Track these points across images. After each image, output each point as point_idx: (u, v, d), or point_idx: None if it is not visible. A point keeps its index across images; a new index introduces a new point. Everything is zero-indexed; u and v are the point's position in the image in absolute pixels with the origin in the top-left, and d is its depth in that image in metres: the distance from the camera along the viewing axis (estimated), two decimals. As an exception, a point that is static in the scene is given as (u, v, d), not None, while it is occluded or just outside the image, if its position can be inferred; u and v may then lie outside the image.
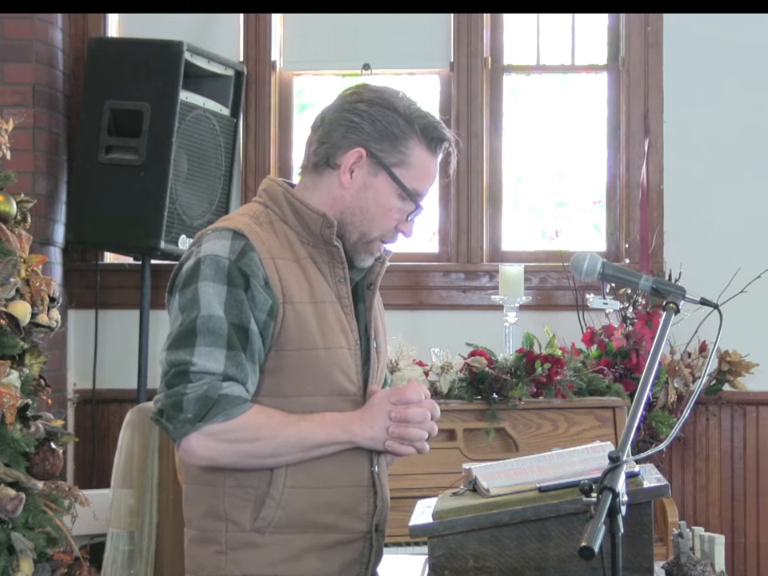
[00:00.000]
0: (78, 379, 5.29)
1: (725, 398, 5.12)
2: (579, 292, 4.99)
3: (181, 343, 2.44)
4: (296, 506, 2.51)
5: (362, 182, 2.55)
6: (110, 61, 4.96)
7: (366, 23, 5.30)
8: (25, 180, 4.71)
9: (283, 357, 2.50)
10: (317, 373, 2.52)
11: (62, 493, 3.87)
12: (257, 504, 2.50)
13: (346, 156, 2.54)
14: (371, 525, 2.58)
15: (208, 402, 2.40)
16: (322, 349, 2.52)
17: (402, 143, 2.54)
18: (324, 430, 2.49)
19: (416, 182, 2.57)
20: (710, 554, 3.13)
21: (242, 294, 2.45)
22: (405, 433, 2.51)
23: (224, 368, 2.43)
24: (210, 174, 5.08)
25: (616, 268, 2.64)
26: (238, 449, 2.45)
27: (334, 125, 2.56)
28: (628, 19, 5.29)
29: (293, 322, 2.49)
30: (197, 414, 2.40)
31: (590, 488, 2.08)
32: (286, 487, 2.50)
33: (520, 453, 4.05)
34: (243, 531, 2.51)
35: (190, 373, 2.41)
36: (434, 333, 5.15)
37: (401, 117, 2.54)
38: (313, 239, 2.56)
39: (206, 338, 2.43)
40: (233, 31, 5.37)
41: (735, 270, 4.95)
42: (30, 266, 3.94)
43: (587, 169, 5.45)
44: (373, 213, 2.56)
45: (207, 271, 2.46)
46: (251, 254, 2.47)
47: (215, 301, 2.44)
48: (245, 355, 2.45)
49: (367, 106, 2.55)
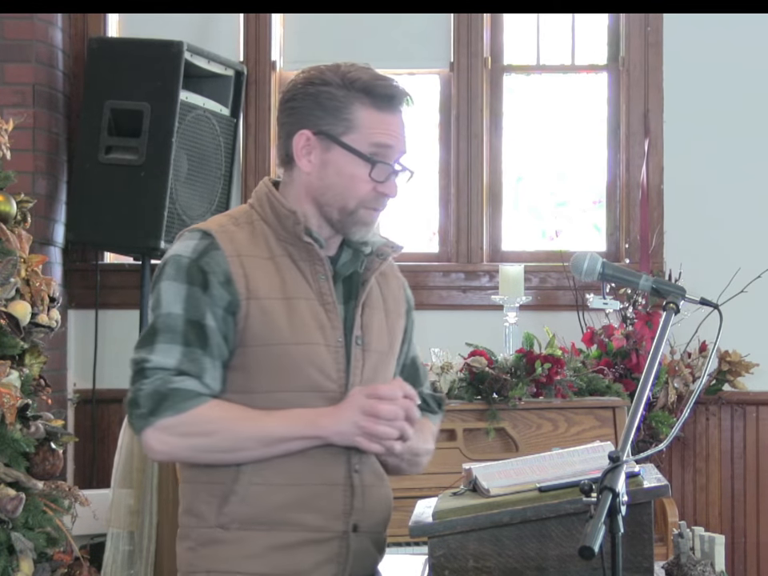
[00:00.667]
0: (77, 379, 5.29)
1: (725, 398, 5.12)
2: (579, 292, 4.99)
3: (143, 342, 2.50)
4: (261, 503, 2.49)
5: (319, 161, 2.55)
6: (110, 61, 4.95)
7: (366, 23, 5.30)
8: (25, 180, 4.71)
9: (249, 353, 2.50)
10: (286, 369, 2.51)
11: (62, 493, 3.87)
12: (222, 500, 2.50)
13: (294, 142, 2.55)
14: (348, 524, 2.54)
15: (159, 396, 2.43)
16: (291, 345, 2.50)
17: (343, 111, 2.53)
18: (287, 424, 2.48)
19: (373, 138, 2.53)
20: (710, 554, 3.14)
21: (200, 291, 2.48)
22: (372, 428, 2.46)
23: (177, 363, 2.46)
24: (210, 174, 5.08)
25: (616, 268, 2.63)
26: (192, 443, 2.47)
27: (280, 118, 2.60)
28: (628, 19, 5.29)
29: (258, 318, 2.49)
30: (150, 409, 2.44)
31: (590, 488, 2.08)
32: (251, 484, 2.49)
33: (520, 453, 4.05)
34: (209, 527, 2.51)
35: (146, 369, 2.46)
36: (434, 333, 5.14)
37: (334, 87, 2.53)
38: (290, 237, 2.56)
39: (165, 335, 2.47)
40: (233, 31, 5.37)
41: (735, 270, 4.95)
42: (30, 266, 3.94)
43: (587, 169, 5.46)
44: (340, 185, 2.54)
45: (169, 271, 2.51)
46: (214, 252, 2.50)
47: (174, 299, 2.49)
48: (201, 351, 2.47)
49: (299, 89, 2.56)
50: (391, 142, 2.55)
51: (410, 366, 2.79)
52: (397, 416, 2.48)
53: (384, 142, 2.54)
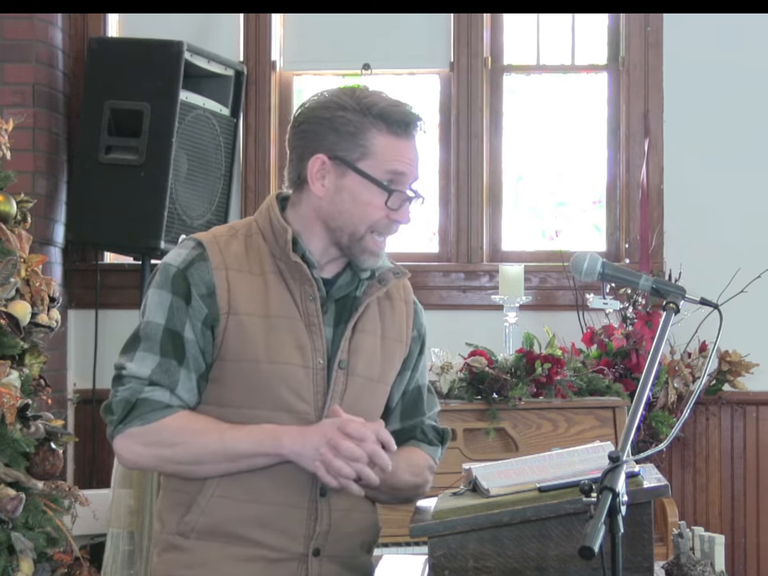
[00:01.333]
0: (77, 379, 5.29)
1: (725, 398, 5.12)
2: (579, 292, 4.99)
3: (126, 348, 2.53)
4: (221, 515, 2.50)
5: (333, 186, 2.53)
6: (109, 61, 4.95)
7: (366, 23, 5.30)
8: (25, 180, 4.71)
9: (225, 367, 2.51)
10: (257, 386, 2.50)
11: (62, 493, 3.87)
12: (185, 509, 2.52)
13: (309, 166, 2.53)
14: (308, 548, 2.53)
15: (128, 405, 2.48)
16: (264, 362, 2.49)
17: (359, 137, 2.51)
18: (251, 439, 2.46)
19: (388, 165, 2.52)
20: (710, 554, 3.14)
21: (182, 301, 2.49)
22: (329, 460, 2.42)
23: (150, 373, 2.48)
24: (210, 174, 5.08)
25: (616, 268, 2.63)
26: (157, 453, 2.49)
27: (294, 140, 2.57)
28: (628, 19, 5.29)
29: (234, 333, 2.49)
30: (120, 417, 2.49)
31: (590, 488, 2.08)
32: (213, 496, 2.50)
33: (520, 453, 4.05)
34: (170, 533, 2.54)
35: (122, 377, 2.50)
36: (434, 333, 5.11)
37: (350, 112, 2.51)
38: (283, 255, 2.54)
39: (145, 343, 2.50)
40: (233, 31, 5.37)
41: (735, 270, 4.95)
42: (29, 266, 3.94)
43: (587, 169, 5.46)
44: (352, 211, 2.53)
45: (158, 279, 2.53)
46: (200, 263, 2.50)
47: (158, 308, 2.50)
48: (177, 362, 2.48)
49: (314, 111, 2.54)
50: (406, 170, 2.54)
51: (413, 393, 2.75)
52: (358, 457, 2.42)
53: (400, 169, 2.53)
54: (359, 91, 2.55)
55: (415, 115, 2.56)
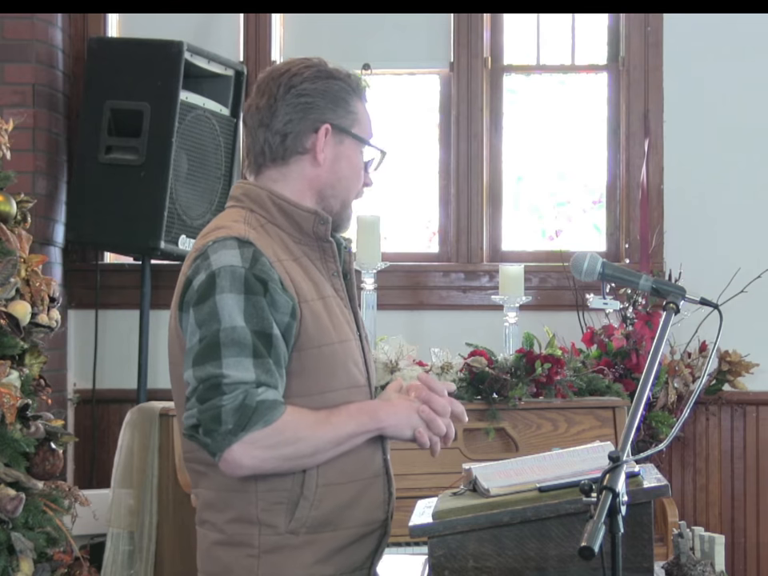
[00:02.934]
0: (78, 379, 5.29)
1: (725, 398, 5.12)
2: (579, 292, 4.99)
3: (206, 358, 2.41)
4: (328, 504, 2.51)
5: (332, 155, 2.59)
6: (110, 61, 4.95)
7: (366, 23, 5.30)
8: (25, 180, 4.71)
9: (305, 356, 2.50)
10: (336, 367, 2.53)
11: (62, 493, 3.87)
12: (290, 506, 2.49)
13: (316, 136, 2.58)
14: (387, 513, 2.61)
15: (247, 410, 2.39)
16: (336, 343, 2.54)
17: (348, 104, 2.61)
18: (354, 420, 2.50)
19: (368, 132, 2.64)
20: (709, 554, 3.14)
21: (262, 300, 2.44)
22: (433, 419, 2.51)
23: (255, 376, 2.41)
24: (209, 174, 5.08)
25: (616, 268, 2.64)
26: (281, 453, 2.44)
27: (290, 113, 2.58)
28: (628, 19, 5.29)
29: (310, 320, 2.50)
30: (238, 424, 2.38)
31: (590, 488, 2.08)
32: (318, 486, 2.50)
33: (520, 453, 4.05)
34: (278, 534, 2.49)
35: (223, 385, 2.39)
36: (434, 333, 5.15)
37: (340, 80, 2.61)
38: (304, 237, 2.57)
39: (231, 349, 2.41)
40: (233, 31, 5.37)
41: (735, 270, 4.95)
42: (29, 266, 3.94)
43: (587, 169, 5.45)
44: (350, 178, 2.62)
45: (223, 283, 2.44)
46: (262, 259, 2.47)
47: (235, 311, 2.43)
48: (271, 361, 2.44)
49: (312, 82, 2.59)
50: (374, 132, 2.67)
51: None
52: (448, 412, 2.54)
53: (373, 132, 2.66)
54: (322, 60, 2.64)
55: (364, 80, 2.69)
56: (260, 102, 2.60)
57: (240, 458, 2.40)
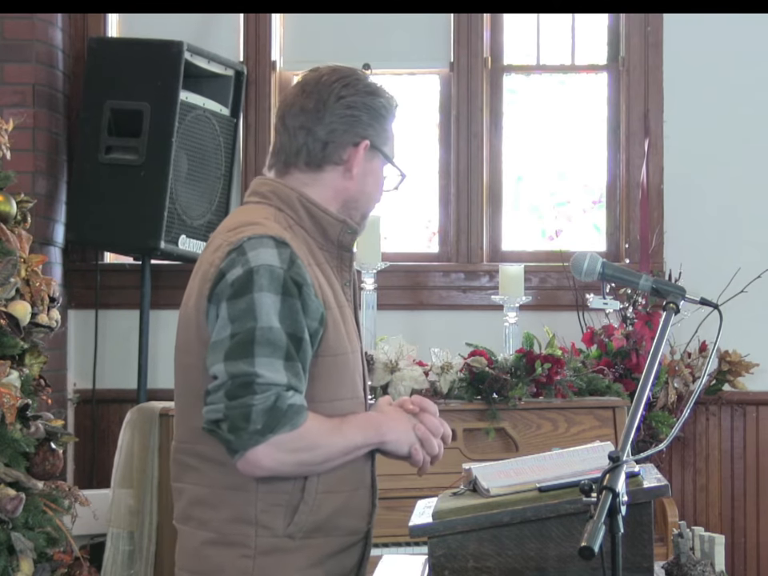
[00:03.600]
0: (78, 379, 5.28)
1: (725, 398, 5.12)
2: (579, 292, 4.99)
3: (239, 354, 2.40)
4: (325, 510, 2.51)
5: (363, 170, 2.59)
6: (110, 61, 4.95)
7: (366, 23, 5.30)
8: (25, 180, 4.71)
9: (321, 363, 2.49)
10: (345, 377, 2.54)
11: (62, 493, 3.87)
12: (290, 509, 2.49)
13: (356, 151, 2.57)
14: (370, 524, 2.61)
15: (278, 412, 2.38)
16: (350, 353, 2.54)
17: (386, 122, 2.61)
18: (362, 433, 2.51)
19: (394, 151, 2.66)
20: (710, 554, 3.13)
21: (297, 303, 2.43)
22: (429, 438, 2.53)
23: (287, 379, 2.40)
24: (210, 174, 5.08)
25: (616, 268, 2.64)
26: (300, 458, 2.44)
27: (336, 122, 2.56)
28: (628, 19, 5.29)
29: (331, 327, 2.50)
30: (267, 425, 2.37)
31: (590, 488, 2.08)
32: (318, 492, 2.50)
33: (520, 453, 4.05)
34: (275, 536, 2.49)
35: (255, 384, 2.38)
36: (434, 333, 5.15)
37: (383, 99, 2.60)
38: (327, 244, 2.57)
39: (265, 348, 2.39)
40: (233, 31, 5.37)
41: (735, 270, 4.95)
42: (29, 266, 3.94)
43: (587, 169, 5.45)
44: (373, 193, 2.63)
45: (262, 281, 2.42)
46: (298, 261, 2.45)
47: (272, 311, 2.41)
48: (300, 364, 2.44)
49: (362, 97, 2.58)
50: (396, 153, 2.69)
51: None
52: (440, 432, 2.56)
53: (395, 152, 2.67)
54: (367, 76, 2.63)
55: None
56: (307, 104, 2.56)
57: (262, 459, 2.39)
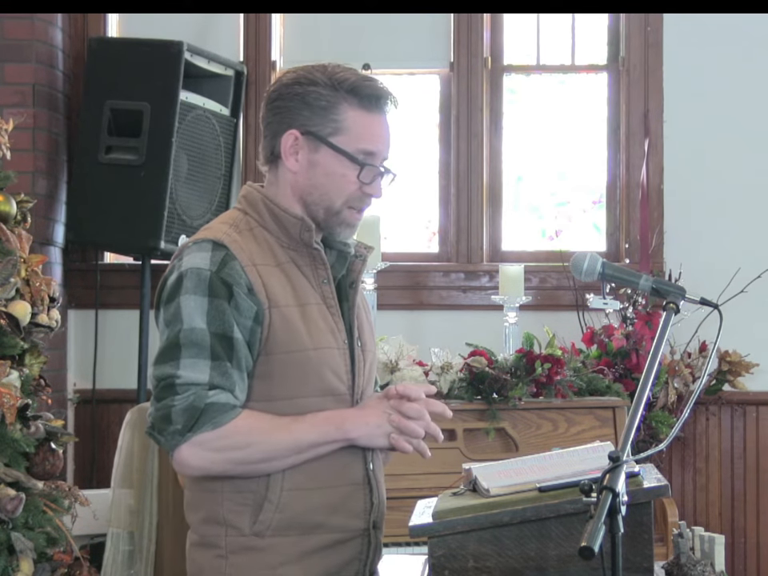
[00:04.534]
0: (78, 379, 5.29)
1: (725, 398, 5.12)
2: (579, 292, 4.99)
3: (166, 357, 2.48)
4: (294, 508, 2.52)
5: (306, 161, 2.57)
6: (110, 61, 4.96)
7: (366, 23, 5.30)
8: (25, 180, 4.71)
9: (273, 361, 2.51)
10: (308, 374, 2.53)
11: (62, 493, 3.87)
12: (255, 508, 2.51)
13: (282, 141, 2.57)
14: (369, 522, 2.60)
15: (195, 411, 2.43)
16: (311, 350, 2.53)
17: (331, 112, 2.56)
18: (316, 430, 2.50)
19: (360, 143, 2.56)
20: (710, 554, 3.14)
21: (225, 303, 2.47)
22: (405, 424, 2.51)
23: (209, 378, 2.45)
24: (209, 174, 5.08)
25: (616, 268, 2.64)
26: (229, 456, 2.46)
27: (268, 116, 2.61)
28: (628, 19, 5.29)
29: (280, 325, 2.51)
30: (185, 425, 2.43)
31: (590, 488, 2.08)
32: (283, 490, 2.51)
33: (520, 453, 4.05)
34: (243, 536, 2.52)
35: (176, 385, 2.44)
36: (434, 333, 5.15)
37: (322, 87, 2.56)
38: (293, 243, 2.58)
39: (190, 350, 2.46)
40: (233, 31, 5.37)
41: (735, 270, 4.95)
42: (29, 266, 3.94)
43: (587, 169, 5.45)
44: (327, 186, 2.57)
45: (188, 284, 2.48)
46: (232, 263, 2.49)
47: (196, 313, 2.46)
48: (230, 364, 2.47)
49: (288, 88, 2.58)
50: (378, 145, 2.59)
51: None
52: (423, 415, 2.52)
53: (371, 146, 2.57)
54: (331, 67, 2.60)
55: (386, 90, 2.60)
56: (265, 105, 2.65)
57: (187, 459, 2.45)
